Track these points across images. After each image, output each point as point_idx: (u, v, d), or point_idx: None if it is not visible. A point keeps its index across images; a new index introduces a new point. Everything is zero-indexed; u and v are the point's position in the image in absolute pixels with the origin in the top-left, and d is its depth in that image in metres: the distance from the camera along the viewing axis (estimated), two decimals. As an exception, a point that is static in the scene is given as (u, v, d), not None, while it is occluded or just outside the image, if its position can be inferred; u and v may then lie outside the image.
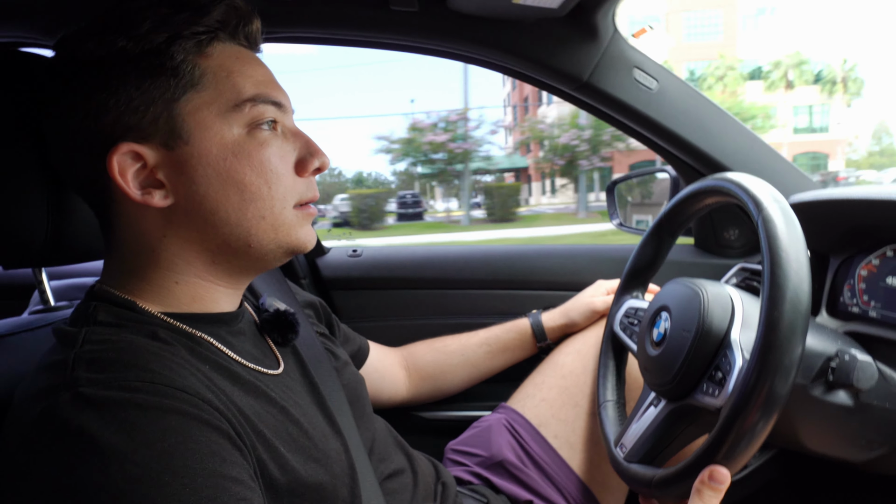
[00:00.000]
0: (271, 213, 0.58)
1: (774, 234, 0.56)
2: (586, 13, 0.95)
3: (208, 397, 0.50)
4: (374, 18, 0.95)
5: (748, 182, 0.63)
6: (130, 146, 0.54)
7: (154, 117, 0.54)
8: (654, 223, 0.85)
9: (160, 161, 0.55)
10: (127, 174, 0.54)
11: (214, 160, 0.56)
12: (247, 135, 0.57)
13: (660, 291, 0.78)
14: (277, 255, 0.61)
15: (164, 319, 0.57)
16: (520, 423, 0.99)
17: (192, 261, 0.59)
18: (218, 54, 0.57)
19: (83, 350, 0.50)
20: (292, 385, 0.65)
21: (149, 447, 0.44)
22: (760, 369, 0.53)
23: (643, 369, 0.76)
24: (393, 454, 0.82)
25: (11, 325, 0.72)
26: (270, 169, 0.58)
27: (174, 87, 0.55)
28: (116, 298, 0.57)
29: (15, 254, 0.66)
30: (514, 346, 1.11)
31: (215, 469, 0.46)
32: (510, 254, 1.34)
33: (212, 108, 0.56)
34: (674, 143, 1.11)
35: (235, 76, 0.57)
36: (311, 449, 0.59)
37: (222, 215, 0.57)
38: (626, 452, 0.75)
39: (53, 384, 0.47)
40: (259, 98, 0.57)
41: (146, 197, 0.55)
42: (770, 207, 0.58)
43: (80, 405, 0.45)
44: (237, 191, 0.56)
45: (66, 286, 0.93)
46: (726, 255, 1.25)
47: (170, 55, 0.54)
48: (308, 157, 0.61)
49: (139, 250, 0.58)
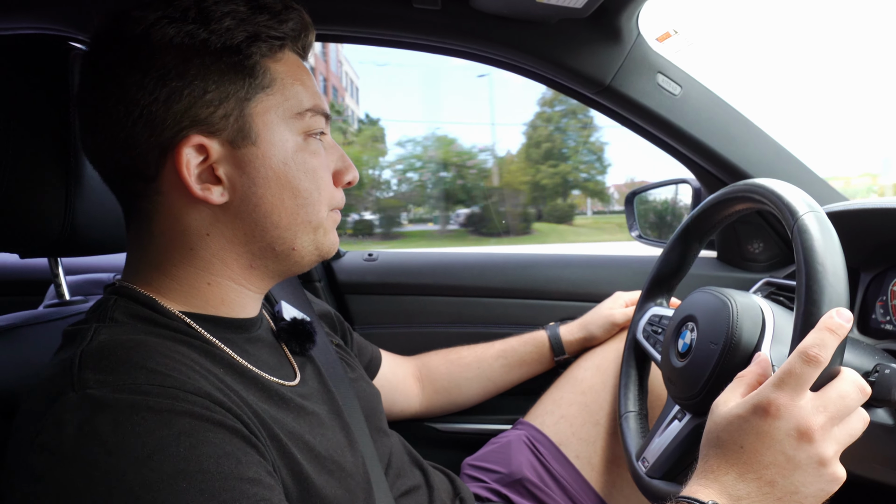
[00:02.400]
0: (316, 218, 0.60)
1: (811, 245, 0.53)
2: (610, 15, 0.94)
3: (219, 398, 0.49)
4: (396, 16, 0.95)
5: (782, 189, 0.60)
6: (199, 139, 0.54)
7: (226, 113, 0.54)
8: (680, 228, 0.82)
9: (223, 157, 0.55)
10: (190, 168, 0.54)
11: (277, 163, 0.57)
12: (303, 141, 0.59)
13: (685, 300, 0.75)
14: (312, 259, 0.63)
15: (183, 320, 0.56)
16: (540, 440, 0.96)
17: (230, 263, 0.59)
18: (286, 61, 0.59)
19: (90, 347, 0.48)
20: (309, 395, 0.64)
21: (163, 452, 0.43)
22: None
23: (667, 381, 0.73)
24: (408, 470, 0.79)
25: (25, 318, 0.71)
26: (320, 176, 0.60)
27: (248, 86, 0.55)
28: (138, 295, 0.56)
29: (31, 242, 0.65)
30: (531, 360, 1.08)
31: (231, 471, 0.45)
32: (527, 262, 1.32)
33: (279, 112, 0.57)
34: (697, 151, 1.09)
35: (299, 84, 0.59)
36: (327, 460, 0.57)
37: (275, 218, 0.58)
38: (648, 467, 0.72)
39: (61, 384, 0.46)
40: (316, 109, 0.60)
41: (205, 192, 0.55)
42: (806, 216, 0.55)
43: (90, 407, 0.44)
44: (291, 195, 0.58)
45: (83, 281, 0.93)
46: (750, 269, 1.21)
47: (248, 55, 0.55)
48: (343, 170, 0.64)
49: (175, 246, 0.57)
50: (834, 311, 0.50)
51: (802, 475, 0.49)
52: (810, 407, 0.49)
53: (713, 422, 0.53)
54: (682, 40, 1.02)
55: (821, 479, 0.49)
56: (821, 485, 0.49)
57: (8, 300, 0.92)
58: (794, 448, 0.48)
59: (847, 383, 0.50)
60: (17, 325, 0.69)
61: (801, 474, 0.49)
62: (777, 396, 0.49)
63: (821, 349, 0.49)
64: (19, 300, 0.92)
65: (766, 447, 0.49)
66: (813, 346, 0.49)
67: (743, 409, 0.51)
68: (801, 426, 0.48)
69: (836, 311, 0.50)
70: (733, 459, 0.50)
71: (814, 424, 0.48)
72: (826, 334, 0.49)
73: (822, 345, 0.49)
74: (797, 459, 0.48)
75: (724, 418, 0.52)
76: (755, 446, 0.49)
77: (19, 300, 0.92)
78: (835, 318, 0.49)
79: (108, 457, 0.42)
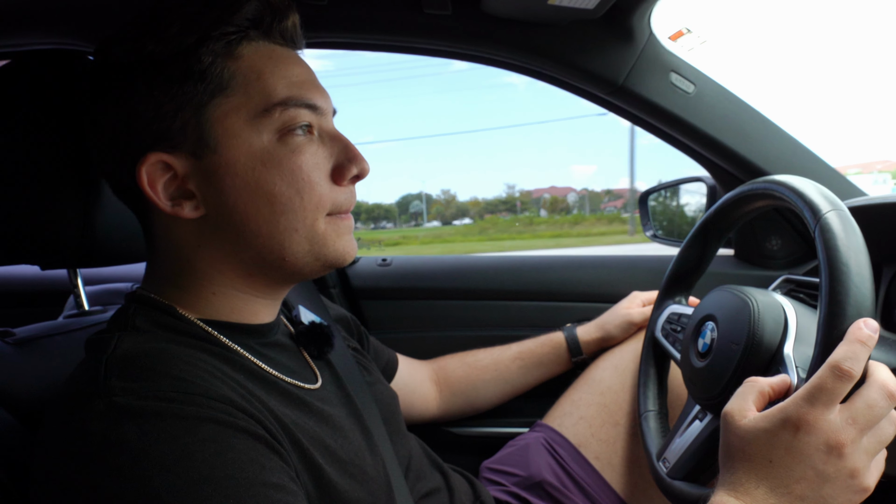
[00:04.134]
0: (303, 225, 0.55)
1: (834, 244, 0.52)
2: (622, 15, 0.93)
3: (242, 405, 0.49)
4: (407, 22, 0.94)
5: (804, 186, 0.59)
6: (159, 156, 0.52)
7: (182, 124, 0.52)
8: (698, 224, 0.81)
9: (190, 171, 0.53)
10: (157, 185, 0.53)
11: (242, 170, 0.53)
12: (277, 141, 0.54)
13: (705, 299, 0.74)
14: (315, 269, 0.58)
15: (202, 327, 0.56)
16: (559, 442, 0.95)
17: (228, 272, 0.57)
18: (249, 55, 0.54)
19: (115, 356, 0.48)
20: (329, 399, 0.63)
21: (189, 458, 0.43)
22: None
23: (687, 381, 0.73)
24: (428, 473, 0.79)
25: (46, 329, 0.72)
26: (302, 178, 0.54)
27: (202, 91, 0.52)
28: (157, 303, 0.56)
29: (51, 254, 0.66)
30: (549, 361, 1.07)
31: (256, 477, 0.45)
32: (541, 264, 1.31)
33: (240, 114, 0.53)
34: (712, 149, 1.08)
35: (266, 77, 0.54)
36: (348, 464, 0.57)
37: (253, 227, 0.54)
38: (668, 468, 0.71)
39: (86, 392, 0.46)
40: (291, 101, 0.54)
41: (176, 208, 0.54)
42: (829, 215, 0.54)
43: (116, 415, 0.44)
44: (266, 202, 0.54)
45: (101, 291, 0.94)
46: (769, 267, 1.20)
47: (197, 58, 0.52)
48: (346, 164, 0.57)
49: (175, 259, 0.57)
50: (861, 321, 0.49)
51: (832, 488, 0.48)
52: (840, 421, 0.48)
53: (734, 434, 0.51)
54: (694, 38, 1.01)
55: (849, 490, 0.48)
56: (849, 496, 0.48)
57: (28, 311, 0.93)
58: (824, 463, 0.47)
59: (874, 391, 0.48)
60: (38, 335, 0.70)
61: (830, 487, 0.48)
62: (808, 411, 0.48)
63: (853, 362, 0.47)
64: (39, 311, 0.92)
65: (796, 462, 0.48)
66: (845, 359, 0.48)
67: (770, 423, 0.49)
68: (832, 441, 0.47)
69: (863, 322, 0.49)
70: (763, 473, 0.49)
71: (844, 439, 0.47)
72: (857, 346, 0.48)
73: (854, 357, 0.47)
74: (827, 473, 0.48)
75: (749, 432, 0.50)
76: (785, 461, 0.48)
77: (39, 311, 0.92)
78: (864, 330, 0.48)
79: (134, 463, 0.42)
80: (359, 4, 0.91)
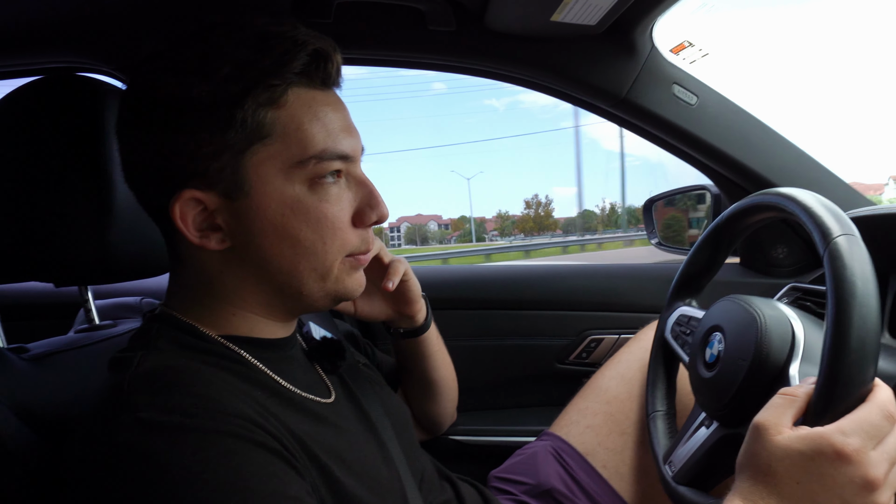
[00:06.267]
0: (322, 266, 0.58)
1: (841, 274, 0.51)
2: (624, 29, 0.94)
3: (259, 421, 0.50)
4: (412, 38, 0.96)
5: (815, 206, 0.58)
6: (194, 193, 0.54)
7: (221, 167, 0.53)
8: (710, 228, 0.79)
9: (219, 207, 0.55)
10: (188, 218, 0.55)
11: (272, 215, 0.55)
12: (308, 189, 0.56)
13: (711, 308, 0.74)
14: (327, 303, 0.61)
15: (223, 343, 0.58)
16: (566, 451, 0.95)
17: (248, 298, 0.59)
18: (291, 103, 0.55)
19: (138, 373, 0.50)
20: (344, 413, 0.64)
21: (214, 471, 0.44)
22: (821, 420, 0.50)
23: (694, 389, 0.73)
24: (438, 484, 0.79)
25: (59, 344, 0.73)
26: (327, 225, 0.56)
27: (243, 139, 0.53)
28: (179, 322, 0.58)
29: (66, 271, 0.67)
30: None
31: (275, 489, 0.46)
32: (551, 273, 1.31)
33: (276, 163, 0.54)
34: (716, 159, 1.09)
35: (305, 128, 0.55)
36: (365, 476, 0.58)
37: (276, 265, 0.57)
38: (674, 472, 0.71)
39: (113, 407, 0.47)
40: (325, 154, 0.55)
41: (203, 240, 0.55)
42: (838, 239, 0.53)
43: (141, 429, 0.45)
44: (290, 245, 0.56)
45: (111, 305, 0.95)
46: (775, 275, 1.20)
47: (242, 106, 0.52)
48: (367, 210, 0.59)
49: (198, 279, 0.59)
50: None
51: None
52: (877, 456, 0.48)
53: (765, 448, 0.51)
54: (696, 51, 1.02)
55: None
56: None
57: (38, 324, 0.94)
58: (853, 495, 0.47)
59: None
60: (52, 351, 0.71)
61: None
62: (850, 443, 0.47)
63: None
64: (49, 324, 0.94)
65: (825, 489, 0.48)
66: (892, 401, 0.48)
67: (806, 446, 0.49)
68: (868, 476, 0.47)
69: None
70: (786, 494, 0.49)
71: (880, 475, 0.47)
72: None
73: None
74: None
75: (782, 450, 0.49)
76: (813, 486, 0.48)
77: (49, 324, 0.94)
78: None
79: (161, 475, 0.43)
80: (364, 21, 0.93)
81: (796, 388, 0.54)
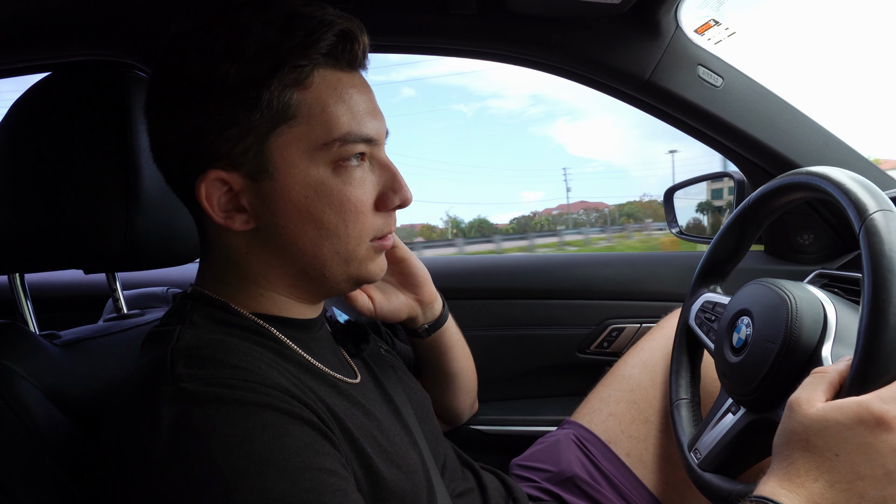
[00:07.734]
0: (346, 249, 0.58)
1: (880, 249, 0.50)
2: (648, 9, 0.92)
3: (296, 393, 0.51)
4: (433, 23, 0.95)
5: (850, 182, 0.56)
6: (218, 173, 0.54)
7: (245, 148, 0.54)
8: (735, 213, 0.78)
9: (244, 188, 0.55)
10: (213, 198, 0.55)
11: (296, 196, 0.55)
12: (332, 172, 0.56)
13: (739, 292, 0.73)
14: (348, 286, 0.62)
15: (255, 321, 0.58)
16: (589, 439, 0.94)
17: (274, 280, 0.60)
18: (317, 85, 0.55)
19: (179, 346, 0.51)
20: (369, 395, 0.65)
21: (250, 441, 0.45)
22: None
23: (721, 374, 0.72)
24: (460, 472, 0.80)
25: (89, 331, 0.75)
26: (350, 208, 0.57)
27: (268, 120, 0.53)
28: (211, 299, 0.59)
29: (94, 259, 0.68)
30: None
31: (311, 462, 0.47)
32: (568, 262, 1.30)
33: (301, 144, 0.54)
34: (741, 142, 1.07)
35: (330, 110, 0.55)
36: (393, 455, 0.58)
37: (300, 247, 0.57)
38: (700, 459, 0.70)
39: (155, 379, 0.48)
40: (350, 137, 0.55)
41: (228, 220, 0.56)
42: (875, 215, 0.52)
43: (184, 400, 0.46)
44: (314, 227, 0.56)
45: (138, 295, 0.96)
46: (800, 262, 1.17)
47: (268, 87, 0.52)
48: (390, 194, 0.60)
49: (226, 260, 0.59)
50: None
51: (895, 490, 0.46)
52: None
53: (798, 422, 0.50)
54: (722, 30, 1.00)
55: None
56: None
57: (69, 315, 0.96)
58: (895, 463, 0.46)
59: None
60: (83, 337, 0.72)
61: (894, 489, 0.46)
62: (890, 409, 0.46)
63: None
64: (79, 315, 0.95)
65: (866, 459, 0.46)
66: None
67: (843, 415, 0.48)
68: None
69: None
70: (826, 467, 0.47)
71: None
72: None
73: None
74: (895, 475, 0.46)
75: (817, 422, 0.48)
76: (853, 457, 0.47)
77: (79, 315, 0.95)
78: None
79: (200, 444, 0.44)
80: (385, 7, 0.92)
81: (829, 367, 0.53)
